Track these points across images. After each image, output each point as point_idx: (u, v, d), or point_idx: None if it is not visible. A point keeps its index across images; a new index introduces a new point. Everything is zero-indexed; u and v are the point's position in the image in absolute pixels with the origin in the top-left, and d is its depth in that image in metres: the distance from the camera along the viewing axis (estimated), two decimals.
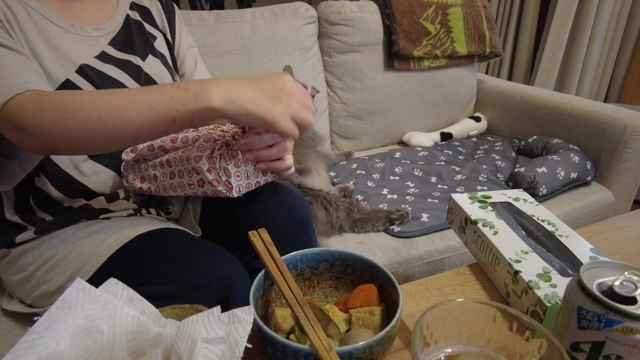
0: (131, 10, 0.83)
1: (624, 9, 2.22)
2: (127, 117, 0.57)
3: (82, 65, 0.71)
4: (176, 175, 0.70)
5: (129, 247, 0.68)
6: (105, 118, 0.56)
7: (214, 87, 0.56)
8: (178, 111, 0.56)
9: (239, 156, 0.66)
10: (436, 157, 1.51)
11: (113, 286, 0.43)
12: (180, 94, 0.56)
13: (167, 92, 0.56)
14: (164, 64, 0.84)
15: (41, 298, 0.71)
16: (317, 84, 1.52)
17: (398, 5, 1.54)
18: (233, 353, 0.39)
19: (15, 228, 0.72)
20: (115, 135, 0.58)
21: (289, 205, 0.76)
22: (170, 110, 0.56)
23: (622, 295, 0.39)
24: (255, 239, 0.54)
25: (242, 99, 0.56)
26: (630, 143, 1.27)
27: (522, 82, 2.42)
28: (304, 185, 1.14)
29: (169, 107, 0.56)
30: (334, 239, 1.09)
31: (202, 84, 0.56)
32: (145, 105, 0.56)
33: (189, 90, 0.56)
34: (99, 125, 0.57)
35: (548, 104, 1.51)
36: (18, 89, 0.58)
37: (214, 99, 0.55)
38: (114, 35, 0.78)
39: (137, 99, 0.57)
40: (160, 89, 0.57)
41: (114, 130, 0.58)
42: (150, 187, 0.75)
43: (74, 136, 0.58)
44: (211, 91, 0.55)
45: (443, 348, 0.43)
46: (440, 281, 0.64)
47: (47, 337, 0.36)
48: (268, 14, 1.43)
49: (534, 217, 0.66)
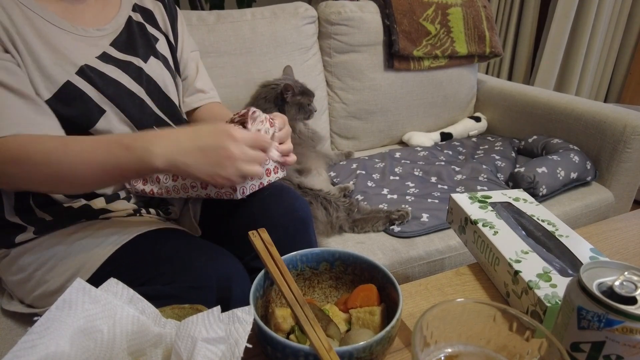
0: (133, 12, 0.83)
1: (624, 9, 2.22)
2: (80, 174, 0.61)
3: (82, 66, 0.71)
4: (179, 177, 0.70)
5: (129, 247, 0.68)
6: (60, 174, 0.61)
7: (158, 152, 0.58)
8: (125, 170, 0.61)
9: None
10: (436, 157, 1.51)
11: (113, 286, 0.43)
12: (126, 154, 0.59)
13: (114, 153, 0.60)
14: (165, 66, 0.84)
15: (41, 298, 0.71)
16: (317, 84, 1.52)
17: (398, 5, 1.54)
18: (233, 353, 0.39)
19: (15, 228, 0.72)
20: (73, 187, 0.65)
21: (289, 205, 0.76)
22: (117, 169, 0.61)
23: (622, 295, 0.39)
24: (255, 239, 0.54)
25: (184, 164, 0.59)
26: (630, 143, 1.27)
27: (522, 82, 2.42)
28: (304, 185, 1.14)
29: (115, 166, 0.60)
30: (334, 239, 1.09)
31: (146, 145, 0.59)
32: (95, 164, 0.61)
33: (134, 152, 0.59)
34: (56, 179, 0.62)
35: (548, 104, 1.51)
36: None
37: (158, 164, 0.58)
38: (115, 36, 0.78)
39: (87, 157, 0.60)
40: (109, 149, 0.60)
41: (71, 184, 0.64)
42: (153, 190, 0.75)
43: (34, 186, 0.64)
44: (155, 156, 0.58)
45: (443, 348, 0.43)
46: (440, 281, 0.64)
47: (47, 337, 0.36)
48: (268, 14, 1.43)
49: (534, 217, 0.66)
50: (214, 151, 0.58)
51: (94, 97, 0.71)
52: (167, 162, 0.58)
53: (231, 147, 0.58)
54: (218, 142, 0.59)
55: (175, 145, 0.59)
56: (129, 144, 0.59)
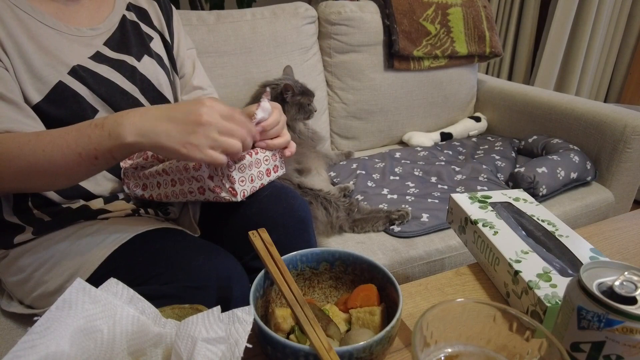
0: (127, 11, 0.83)
1: (624, 9, 2.22)
2: (53, 161, 0.58)
3: (75, 66, 0.71)
4: (177, 182, 0.70)
5: (128, 247, 0.68)
6: (34, 165, 0.59)
7: (127, 123, 0.56)
8: (97, 150, 0.57)
9: (244, 160, 0.66)
10: (436, 157, 1.51)
11: (113, 286, 0.43)
12: (96, 132, 0.57)
13: (85, 133, 0.57)
14: (160, 65, 0.84)
15: (40, 298, 0.71)
16: (317, 84, 1.52)
17: (398, 5, 1.54)
18: (233, 353, 0.39)
19: (13, 229, 0.72)
20: (48, 178, 0.61)
21: (288, 205, 0.76)
22: (90, 150, 0.57)
23: (622, 295, 0.39)
24: (255, 239, 0.54)
25: (155, 133, 0.56)
26: (630, 143, 1.27)
27: (522, 82, 2.42)
28: (304, 185, 1.14)
29: (88, 147, 0.57)
30: (334, 239, 1.09)
31: (117, 119, 0.57)
32: (67, 148, 0.58)
33: (104, 128, 0.57)
34: (30, 171, 0.59)
35: (548, 104, 1.51)
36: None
37: (127, 136, 0.56)
38: (109, 36, 0.78)
39: (60, 142, 0.58)
40: (80, 129, 0.58)
41: (45, 174, 0.60)
42: (152, 195, 0.74)
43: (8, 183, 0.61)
44: (124, 127, 0.56)
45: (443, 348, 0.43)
46: (440, 281, 0.64)
47: (47, 337, 0.36)
48: (268, 14, 1.43)
49: (534, 217, 0.66)
50: (184, 117, 0.56)
51: (86, 97, 0.71)
52: (136, 133, 0.56)
53: (202, 112, 0.55)
54: (189, 108, 0.56)
55: (145, 116, 0.57)
56: (98, 122, 0.58)
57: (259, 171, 0.70)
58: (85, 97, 0.71)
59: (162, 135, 0.56)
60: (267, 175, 0.72)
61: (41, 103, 0.68)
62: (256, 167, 0.69)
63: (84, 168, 0.60)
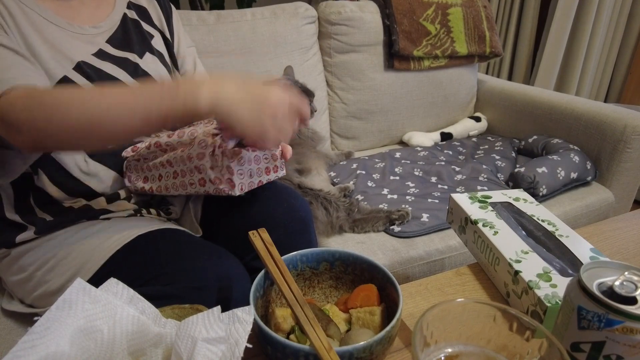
0: (128, 10, 0.84)
1: (624, 9, 2.22)
2: (119, 120, 0.57)
3: (79, 62, 0.71)
4: (179, 174, 0.70)
5: (130, 248, 0.68)
6: (96, 120, 0.56)
7: (204, 96, 0.55)
8: (168, 116, 0.56)
9: (242, 154, 0.66)
10: (436, 157, 1.51)
11: (113, 286, 0.43)
12: (170, 99, 0.56)
13: (158, 95, 0.56)
14: (161, 62, 0.85)
15: (41, 298, 0.71)
16: (317, 84, 1.52)
17: (398, 5, 1.54)
18: (233, 353, 0.39)
19: (15, 228, 0.72)
20: (106, 136, 0.59)
21: (289, 205, 0.76)
22: (161, 116, 0.56)
23: (622, 295, 0.39)
24: (255, 239, 0.54)
25: (228, 111, 0.56)
26: (630, 143, 1.27)
27: (522, 82, 2.42)
28: (304, 185, 1.14)
29: (159, 112, 0.56)
30: (334, 239, 1.09)
31: (193, 89, 0.56)
32: (136, 108, 0.56)
33: (179, 97, 0.55)
34: (90, 126, 0.57)
35: (548, 104, 1.51)
36: (9, 84, 0.58)
37: (203, 107, 0.55)
38: (111, 34, 0.79)
39: (128, 102, 0.56)
40: (151, 91, 0.57)
41: (105, 132, 0.58)
42: (152, 187, 0.75)
43: (64, 135, 0.58)
44: (200, 99, 0.55)
45: (443, 348, 0.43)
46: (440, 281, 0.64)
47: (47, 337, 0.36)
48: (268, 14, 1.43)
49: (534, 217, 0.66)
50: (260, 105, 0.56)
51: None
52: (212, 105, 0.55)
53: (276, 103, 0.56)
54: (265, 95, 0.56)
55: (222, 90, 0.56)
56: (172, 89, 0.56)
57: (257, 167, 0.70)
58: None
59: (234, 115, 0.56)
60: (266, 174, 0.72)
61: None
62: (255, 164, 0.69)
63: (149, 129, 0.60)
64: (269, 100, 0.56)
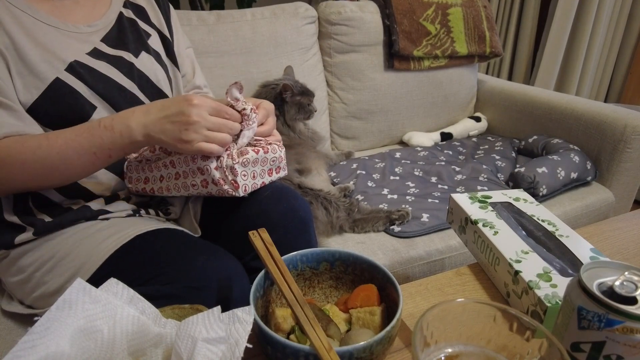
0: (125, 8, 0.84)
1: (624, 9, 2.22)
2: (69, 162, 0.65)
3: (72, 62, 0.71)
4: (181, 175, 0.70)
5: (129, 248, 0.68)
6: (49, 167, 0.64)
7: (135, 124, 0.63)
8: (111, 149, 0.65)
9: (247, 155, 0.67)
10: (436, 157, 1.51)
11: (113, 286, 0.43)
12: (107, 134, 0.64)
13: (97, 135, 0.64)
14: (157, 61, 0.84)
15: (41, 299, 0.71)
16: (317, 84, 1.52)
17: (398, 5, 1.54)
18: (233, 353, 0.39)
19: (14, 229, 0.72)
20: (64, 176, 0.67)
21: (289, 205, 0.76)
22: (104, 150, 0.65)
23: (623, 295, 0.39)
24: (255, 239, 0.54)
25: (157, 131, 0.63)
26: (630, 143, 1.27)
27: (522, 82, 2.42)
28: (304, 185, 1.14)
29: (102, 148, 0.64)
30: (334, 239, 1.09)
31: (124, 121, 0.64)
32: (81, 149, 0.64)
33: (115, 129, 0.64)
34: (46, 172, 0.65)
35: (548, 104, 1.51)
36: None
37: (137, 135, 0.64)
38: (106, 32, 0.78)
39: (73, 144, 0.64)
40: (91, 132, 0.64)
41: (62, 174, 0.66)
42: (153, 188, 0.75)
43: (26, 184, 0.67)
44: (133, 127, 0.63)
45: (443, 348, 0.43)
46: (440, 281, 0.64)
47: (47, 338, 0.36)
48: (268, 14, 1.43)
49: (534, 217, 0.66)
50: (178, 117, 0.62)
51: (84, 94, 0.71)
52: (144, 132, 0.63)
53: (191, 112, 0.61)
54: (179, 108, 0.62)
55: (148, 116, 0.64)
56: (107, 124, 0.64)
57: (262, 169, 0.70)
58: (82, 93, 0.71)
59: (162, 134, 0.63)
60: (269, 175, 0.72)
61: (38, 100, 0.68)
62: (261, 165, 0.70)
63: (100, 164, 0.67)
64: (185, 113, 0.62)
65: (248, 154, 0.67)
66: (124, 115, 0.65)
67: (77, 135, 0.64)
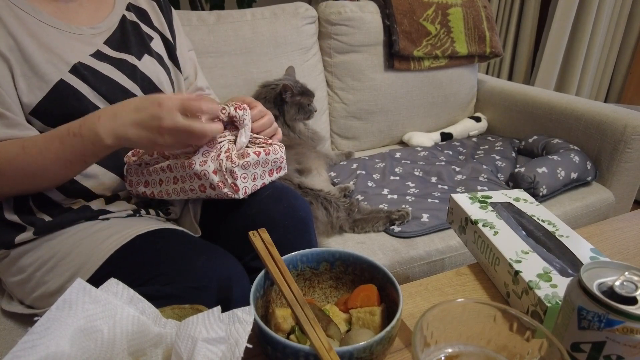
0: (127, 11, 0.84)
1: (624, 9, 2.22)
2: (47, 168, 0.65)
3: (76, 64, 0.71)
4: (179, 180, 0.70)
5: (129, 248, 0.68)
6: (30, 175, 0.66)
7: (102, 130, 0.62)
8: (84, 155, 0.65)
9: (248, 158, 0.66)
10: (436, 157, 1.51)
11: (113, 286, 0.43)
12: (77, 141, 0.63)
13: (68, 143, 0.63)
14: (160, 64, 0.84)
15: (41, 299, 0.71)
16: (317, 84, 1.52)
17: (398, 5, 1.54)
18: (233, 353, 0.39)
19: (14, 228, 0.72)
20: (44, 184, 0.69)
21: (289, 205, 0.76)
22: (77, 156, 0.65)
23: (623, 295, 0.39)
24: (255, 239, 0.54)
25: (127, 138, 0.62)
26: (630, 143, 1.27)
27: (522, 82, 2.42)
28: (304, 185, 1.14)
29: (74, 154, 0.64)
30: (334, 239, 1.09)
31: (91, 127, 0.62)
32: (55, 157, 0.64)
33: (84, 136, 0.63)
34: (27, 180, 0.67)
35: (548, 104, 1.51)
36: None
37: (106, 139, 0.62)
38: (109, 35, 0.79)
39: (47, 154, 0.64)
40: (62, 140, 0.64)
41: (42, 181, 0.68)
42: (153, 192, 0.74)
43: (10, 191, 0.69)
44: (101, 134, 0.62)
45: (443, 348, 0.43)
46: (440, 281, 0.64)
47: (47, 338, 0.36)
48: (268, 14, 1.43)
49: (534, 217, 0.66)
50: (149, 123, 0.61)
51: (87, 95, 0.71)
52: (113, 137, 0.62)
53: (162, 116, 0.60)
54: (151, 113, 0.60)
55: (115, 121, 0.62)
56: (76, 132, 0.63)
57: (263, 170, 0.70)
58: (86, 95, 0.71)
59: (134, 139, 0.62)
60: (270, 175, 0.72)
61: (42, 102, 0.68)
62: (262, 167, 0.70)
63: (78, 168, 0.68)
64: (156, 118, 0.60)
65: (249, 157, 0.67)
66: (90, 121, 0.63)
67: (50, 144, 0.64)
